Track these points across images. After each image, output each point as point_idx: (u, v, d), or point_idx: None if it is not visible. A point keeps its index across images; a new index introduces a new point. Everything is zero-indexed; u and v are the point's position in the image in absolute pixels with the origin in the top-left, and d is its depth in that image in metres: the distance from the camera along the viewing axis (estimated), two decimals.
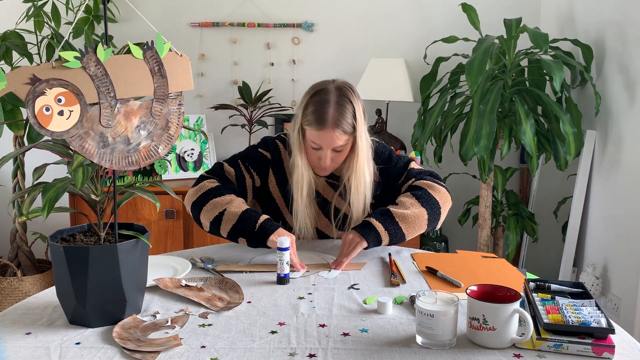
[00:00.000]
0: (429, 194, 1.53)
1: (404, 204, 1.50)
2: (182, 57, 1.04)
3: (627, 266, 2.29)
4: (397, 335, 1.05)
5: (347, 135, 1.50)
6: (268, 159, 1.63)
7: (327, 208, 1.65)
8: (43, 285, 2.68)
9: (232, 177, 1.58)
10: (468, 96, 2.57)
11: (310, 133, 1.51)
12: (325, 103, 1.48)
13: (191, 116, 2.95)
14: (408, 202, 1.50)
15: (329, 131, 1.48)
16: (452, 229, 3.23)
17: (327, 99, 1.49)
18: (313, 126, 1.49)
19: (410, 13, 3.10)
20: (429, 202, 1.51)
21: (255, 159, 1.62)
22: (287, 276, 1.32)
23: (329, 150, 1.52)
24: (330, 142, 1.50)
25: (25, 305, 1.16)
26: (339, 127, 1.48)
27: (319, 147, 1.52)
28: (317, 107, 1.49)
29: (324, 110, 1.47)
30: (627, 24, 2.32)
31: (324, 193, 1.64)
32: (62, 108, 0.94)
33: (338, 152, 1.54)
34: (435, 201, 1.53)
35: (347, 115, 1.49)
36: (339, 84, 1.53)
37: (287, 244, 1.31)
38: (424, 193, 1.53)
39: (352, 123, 1.50)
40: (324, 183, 1.64)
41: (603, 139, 2.51)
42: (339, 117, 1.47)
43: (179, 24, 3.08)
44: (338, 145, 1.51)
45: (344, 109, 1.48)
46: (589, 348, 0.96)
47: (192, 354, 0.96)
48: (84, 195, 1.09)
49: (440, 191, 1.56)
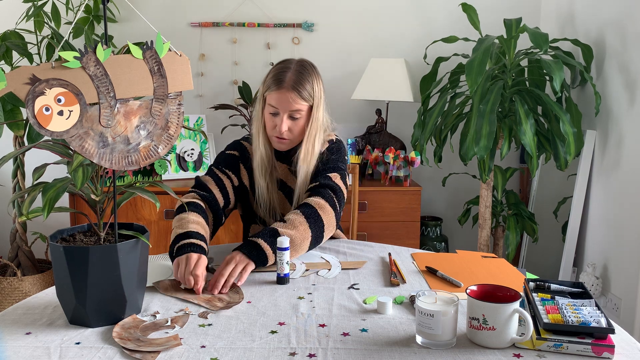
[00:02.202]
0: (318, 215, 1.48)
1: (292, 222, 1.44)
2: (181, 57, 1.04)
3: (627, 266, 2.29)
4: (397, 335, 1.05)
5: (303, 102, 1.56)
6: (237, 156, 1.69)
7: (289, 193, 1.68)
8: (43, 285, 2.68)
9: (210, 184, 1.61)
10: (468, 96, 2.57)
11: (270, 97, 1.57)
12: (285, 69, 1.57)
13: (191, 116, 2.95)
14: (297, 221, 1.44)
15: (285, 92, 1.54)
16: (452, 229, 3.23)
17: (288, 66, 1.58)
18: (272, 88, 1.56)
19: (410, 13, 3.10)
20: (316, 224, 1.47)
21: (226, 160, 1.68)
22: (287, 276, 1.32)
23: (286, 115, 1.56)
24: (286, 104, 1.55)
25: (25, 305, 1.16)
26: (296, 90, 1.54)
27: (276, 112, 1.57)
28: (277, 72, 1.57)
29: (283, 73, 1.56)
30: (627, 24, 2.32)
31: (287, 181, 1.68)
32: (61, 108, 0.94)
33: (294, 120, 1.58)
34: (322, 225, 1.48)
35: (305, 83, 1.56)
36: (302, 59, 1.63)
37: (287, 244, 1.31)
38: (313, 212, 1.48)
39: (310, 92, 1.57)
40: (286, 171, 1.68)
41: (603, 139, 2.51)
42: (296, 80, 1.55)
43: (179, 24, 3.08)
44: (294, 108, 1.55)
45: (302, 76, 1.56)
46: (588, 348, 0.95)
47: (192, 354, 0.96)
48: (84, 195, 1.09)
49: (329, 214, 1.51)
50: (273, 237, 1.37)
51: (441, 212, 3.24)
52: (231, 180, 1.65)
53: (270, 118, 1.59)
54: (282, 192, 1.68)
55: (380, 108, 2.99)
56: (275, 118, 1.58)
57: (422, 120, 2.65)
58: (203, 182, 1.61)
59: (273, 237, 1.37)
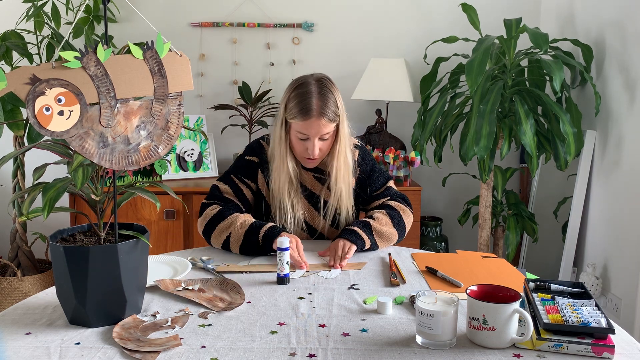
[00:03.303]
0: (401, 217, 1.66)
1: (380, 220, 1.62)
2: (182, 57, 1.04)
3: (627, 266, 2.29)
4: (397, 335, 1.05)
5: (331, 123, 1.57)
6: (256, 162, 1.69)
7: (314, 201, 1.69)
8: (43, 285, 2.68)
9: (230, 194, 1.65)
10: (468, 96, 2.57)
11: (297, 125, 1.57)
12: (308, 94, 1.55)
13: (191, 116, 2.95)
14: (384, 220, 1.63)
15: (315, 120, 1.54)
16: (452, 229, 3.23)
17: (310, 91, 1.56)
18: (298, 117, 1.55)
19: (410, 13, 3.10)
20: (399, 224, 1.65)
21: (245, 168, 1.69)
22: (287, 276, 1.32)
23: (316, 139, 1.57)
24: (317, 130, 1.56)
25: (25, 305, 1.16)
26: (324, 116, 1.55)
27: (305, 138, 1.58)
28: (301, 99, 1.55)
29: (308, 101, 1.54)
30: (627, 24, 2.32)
31: (312, 188, 1.69)
32: (62, 108, 0.94)
33: (324, 141, 1.60)
34: (404, 225, 1.67)
35: (330, 104, 1.56)
36: (318, 77, 1.61)
37: (287, 244, 1.31)
38: (397, 214, 1.66)
39: (335, 111, 1.58)
40: (312, 178, 1.69)
41: (603, 139, 2.51)
42: (322, 105, 1.55)
43: (179, 24, 3.08)
44: (325, 132, 1.57)
45: (326, 98, 1.56)
46: (588, 348, 0.96)
47: (192, 354, 0.96)
48: (84, 195, 1.09)
49: (409, 216, 1.71)
50: (366, 227, 1.58)
51: (441, 212, 3.24)
52: (250, 188, 1.68)
53: (299, 142, 1.60)
54: (308, 200, 1.69)
55: (380, 108, 2.99)
56: (305, 142, 1.59)
57: (422, 120, 2.65)
58: (223, 195, 1.64)
59: (366, 227, 1.58)
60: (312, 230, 1.72)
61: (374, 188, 1.74)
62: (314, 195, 1.69)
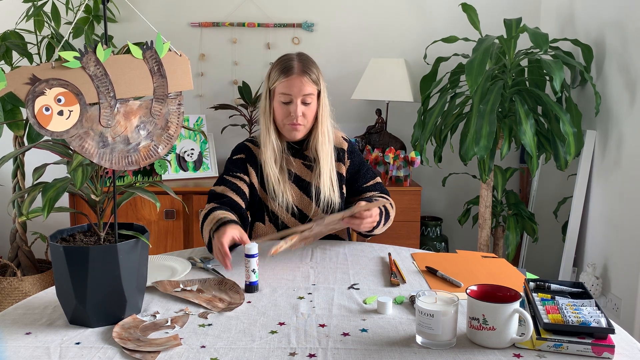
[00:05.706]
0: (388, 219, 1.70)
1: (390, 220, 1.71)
2: (181, 57, 1.04)
3: (627, 266, 2.29)
4: (397, 335, 1.05)
5: (313, 85, 1.63)
6: (244, 158, 1.73)
7: (305, 187, 1.71)
8: (43, 285, 2.68)
9: (225, 190, 1.65)
10: (468, 96, 2.57)
11: (280, 86, 1.62)
12: (289, 59, 1.65)
13: (191, 116, 2.95)
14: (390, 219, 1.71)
15: (296, 77, 1.60)
16: (452, 229, 3.23)
17: (291, 57, 1.66)
18: (282, 77, 1.61)
19: (410, 13, 3.10)
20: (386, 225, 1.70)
21: (236, 165, 1.72)
22: (254, 284, 1.26)
23: (299, 100, 1.61)
24: (299, 89, 1.61)
25: (25, 305, 1.16)
26: (306, 74, 1.61)
27: (289, 100, 1.62)
28: (283, 63, 1.64)
29: (289, 63, 1.63)
30: (627, 24, 2.32)
31: (301, 175, 1.71)
32: (61, 108, 0.94)
33: (307, 105, 1.63)
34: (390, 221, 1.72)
35: (312, 67, 1.64)
36: (301, 52, 1.70)
37: (255, 251, 1.25)
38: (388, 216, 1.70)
39: (317, 76, 1.64)
40: (301, 166, 1.71)
41: (603, 139, 2.51)
42: (303, 66, 1.63)
43: (179, 24, 3.08)
44: (307, 91, 1.61)
45: (307, 62, 1.65)
46: (588, 348, 0.95)
47: (192, 354, 0.96)
48: (84, 195, 1.09)
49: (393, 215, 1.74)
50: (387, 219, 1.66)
51: (441, 212, 3.24)
52: (244, 181, 1.69)
53: (282, 107, 1.64)
54: (298, 187, 1.71)
55: (380, 108, 2.99)
56: (288, 106, 1.63)
57: (422, 120, 2.65)
58: (218, 193, 1.64)
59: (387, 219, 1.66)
60: (304, 217, 1.72)
61: (365, 180, 1.77)
62: (304, 181, 1.71)
